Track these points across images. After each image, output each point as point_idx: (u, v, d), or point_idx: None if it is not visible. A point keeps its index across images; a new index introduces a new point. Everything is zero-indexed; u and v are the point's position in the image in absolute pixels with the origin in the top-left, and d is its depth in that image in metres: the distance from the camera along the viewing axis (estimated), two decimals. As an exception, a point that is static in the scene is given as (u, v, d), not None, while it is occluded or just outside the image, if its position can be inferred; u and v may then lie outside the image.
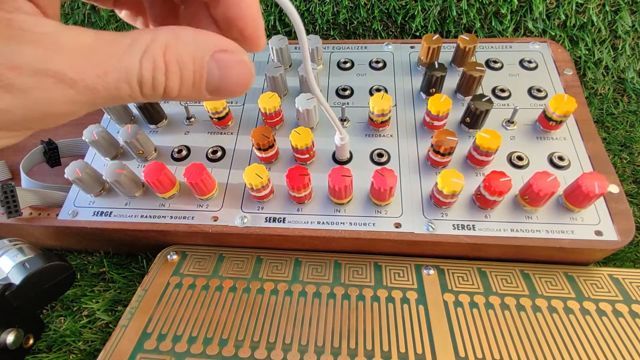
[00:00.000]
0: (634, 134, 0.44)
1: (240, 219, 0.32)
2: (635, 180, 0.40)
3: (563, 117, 0.33)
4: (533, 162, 0.33)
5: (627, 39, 0.45)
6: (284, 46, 0.39)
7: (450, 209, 0.31)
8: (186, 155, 0.36)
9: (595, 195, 0.28)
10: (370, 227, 0.31)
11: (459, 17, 0.46)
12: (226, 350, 0.27)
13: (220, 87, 0.20)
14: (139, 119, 0.39)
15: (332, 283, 0.31)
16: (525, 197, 0.30)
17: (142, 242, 0.34)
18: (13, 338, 0.28)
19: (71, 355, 0.31)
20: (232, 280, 0.32)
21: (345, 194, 0.30)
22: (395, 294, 0.30)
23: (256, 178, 0.30)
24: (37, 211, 0.34)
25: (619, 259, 0.35)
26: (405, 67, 0.41)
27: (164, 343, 0.28)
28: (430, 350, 0.27)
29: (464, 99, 0.37)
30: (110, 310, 0.33)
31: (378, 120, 0.35)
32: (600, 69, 0.48)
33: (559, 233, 0.30)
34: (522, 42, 0.42)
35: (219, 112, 0.35)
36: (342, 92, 0.39)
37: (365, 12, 0.48)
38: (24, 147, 0.43)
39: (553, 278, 0.31)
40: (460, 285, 0.31)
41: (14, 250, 0.30)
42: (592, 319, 0.28)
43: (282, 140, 0.35)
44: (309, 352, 0.27)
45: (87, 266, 0.37)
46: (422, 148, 0.35)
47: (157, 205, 0.33)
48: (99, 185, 0.33)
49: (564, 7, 0.44)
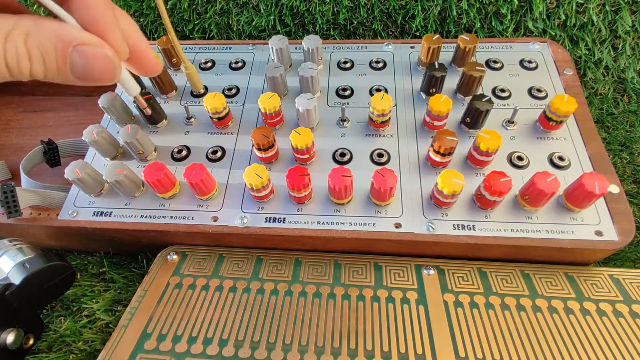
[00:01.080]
0: (634, 134, 0.44)
1: (240, 219, 0.32)
2: (635, 180, 0.40)
3: (563, 117, 0.33)
4: (533, 162, 0.33)
5: (627, 38, 0.45)
6: (284, 46, 0.39)
7: (451, 209, 0.31)
8: (186, 155, 0.36)
9: (596, 195, 0.28)
10: (371, 227, 0.31)
11: (459, 17, 0.46)
12: (226, 351, 0.27)
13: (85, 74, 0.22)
14: (139, 119, 0.39)
15: (332, 283, 0.31)
16: (526, 197, 0.30)
17: (142, 242, 0.34)
18: (13, 338, 0.28)
19: (71, 355, 0.31)
20: (232, 280, 0.32)
21: (345, 194, 0.30)
22: (395, 294, 0.30)
23: (256, 178, 0.30)
24: (37, 211, 0.34)
25: (619, 259, 0.35)
26: (405, 67, 0.41)
27: (164, 343, 0.28)
28: (430, 350, 0.27)
29: (464, 99, 0.37)
30: (110, 310, 0.33)
31: (378, 121, 0.35)
32: (601, 69, 0.48)
33: (559, 233, 0.30)
34: (522, 42, 0.42)
35: (219, 112, 0.35)
36: (342, 92, 0.39)
37: (365, 12, 0.48)
38: (24, 147, 0.43)
39: (553, 278, 0.31)
40: (461, 285, 0.31)
41: (14, 250, 0.30)
42: (593, 319, 0.28)
43: (282, 140, 0.35)
44: (309, 352, 0.27)
45: (87, 266, 0.37)
46: (422, 148, 0.35)
47: (157, 205, 0.33)
48: (99, 186, 0.33)
49: (564, 7, 0.44)
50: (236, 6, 0.50)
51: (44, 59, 0.21)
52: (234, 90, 0.40)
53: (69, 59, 0.21)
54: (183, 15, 0.51)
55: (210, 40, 0.48)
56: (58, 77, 0.22)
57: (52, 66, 0.21)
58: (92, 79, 0.23)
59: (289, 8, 0.49)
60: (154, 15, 0.52)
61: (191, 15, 0.52)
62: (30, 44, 0.20)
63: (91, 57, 0.22)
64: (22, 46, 0.20)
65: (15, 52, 0.20)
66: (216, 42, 0.45)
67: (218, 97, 0.35)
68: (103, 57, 0.22)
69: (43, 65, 0.21)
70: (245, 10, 0.50)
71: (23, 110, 0.50)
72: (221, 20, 0.51)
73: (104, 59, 0.22)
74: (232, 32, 0.52)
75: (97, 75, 0.23)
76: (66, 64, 0.21)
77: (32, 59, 0.20)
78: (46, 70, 0.21)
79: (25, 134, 0.45)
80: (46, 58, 0.21)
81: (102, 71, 0.23)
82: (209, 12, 0.51)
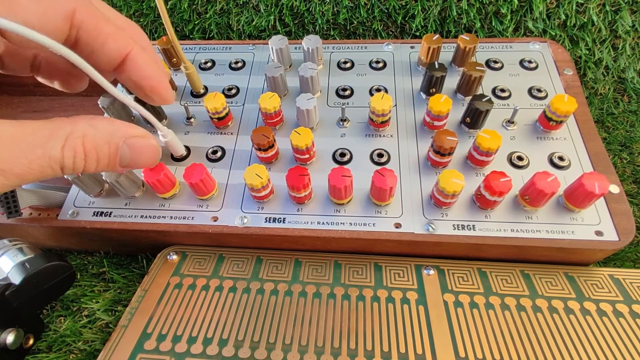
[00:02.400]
0: (634, 134, 0.44)
1: (240, 219, 0.32)
2: (635, 180, 0.40)
3: (563, 117, 0.33)
4: (533, 162, 0.33)
5: (627, 38, 0.45)
6: (284, 46, 0.39)
7: (451, 209, 0.31)
8: (186, 155, 0.36)
9: (596, 195, 0.28)
10: (370, 228, 0.31)
11: (459, 17, 0.46)
12: (226, 351, 0.27)
13: (131, 163, 0.25)
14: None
15: (332, 283, 0.31)
16: (526, 197, 0.30)
17: (142, 242, 0.34)
18: (13, 338, 0.28)
19: (71, 355, 0.31)
20: (232, 280, 0.32)
21: (345, 194, 0.30)
22: (395, 294, 0.30)
23: (256, 178, 0.30)
24: (37, 211, 0.34)
25: (619, 259, 0.35)
26: (405, 67, 0.41)
27: (164, 343, 0.28)
28: (431, 350, 0.27)
29: (464, 99, 0.37)
30: (110, 310, 0.33)
31: (378, 121, 0.35)
32: (601, 69, 0.48)
33: (559, 233, 0.30)
34: (522, 42, 0.42)
35: (219, 112, 0.35)
36: (342, 92, 0.39)
37: (365, 12, 0.48)
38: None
39: (553, 278, 0.31)
40: (461, 285, 0.30)
41: (14, 250, 0.30)
42: (593, 319, 0.28)
43: (282, 140, 0.35)
44: (309, 353, 0.27)
45: (87, 266, 0.37)
46: (422, 148, 0.35)
47: (157, 206, 0.33)
48: (98, 186, 0.33)
49: (564, 7, 0.44)
50: (236, 6, 0.50)
51: (98, 155, 0.23)
52: (234, 90, 0.40)
53: (120, 152, 0.24)
54: (183, 15, 0.51)
55: (210, 41, 0.48)
56: (107, 168, 0.24)
57: (104, 161, 0.23)
58: (136, 165, 0.25)
59: (289, 8, 0.49)
60: (154, 15, 0.52)
61: (191, 15, 0.52)
62: (87, 145, 0.22)
63: (138, 149, 0.25)
64: (80, 148, 0.22)
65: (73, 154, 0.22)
66: (216, 42, 0.45)
67: (218, 97, 0.35)
68: (149, 147, 0.25)
69: (96, 162, 0.23)
70: (245, 10, 0.50)
71: (23, 111, 0.50)
72: (221, 20, 0.51)
73: (150, 149, 0.25)
74: (232, 32, 0.52)
75: (142, 163, 0.26)
76: (117, 158, 0.24)
77: (88, 157, 0.22)
78: (98, 165, 0.23)
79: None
80: (100, 154, 0.23)
81: (147, 160, 0.26)
82: (209, 12, 0.51)
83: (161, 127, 0.31)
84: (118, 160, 0.24)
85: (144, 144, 0.25)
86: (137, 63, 0.24)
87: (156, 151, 0.26)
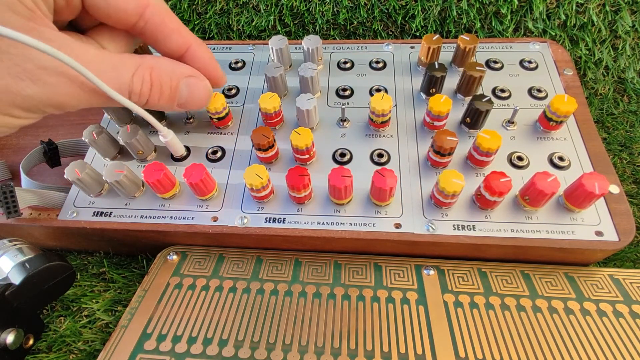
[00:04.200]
0: (634, 134, 0.44)
1: (240, 219, 0.32)
2: (635, 180, 0.40)
3: (563, 118, 0.33)
4: (533, 162, 0.33)
5: (627, 39, 0.45)
6: (284, 46, 0.39)
7: (451, 209, 0.31)
8: (186, 155, 0.36)
9: (596, 195, 0.28)
10: (371, 228, 0.31)
11: (459, 17, 0.46)
12: (226, 351, 0.27)
13: (187, 102, 0.28)
14: (139, 119, 0.39)
15: (332, 283, 0.31)
16: (526, 197, 0.30)
17: (142, 242, 0.34)
18: (13, 338, 0.28)
19: (71, 355, 0.31)
20: (232, 280, 0.32)
21: (345, 194, 0.30)
22: (395, 294, 0.30)
23: (256, 178, 0.30)
24: (37, 211, 0.34)
25: (619, 259, 0.35)
26: (405, 67, 0.41)
27: (164, 343, 0.28)
28: (430, 350, 0.27)
29: (464, 99, 0.37)
30: (110, 310, 0.33)
31: (378, 121, 0.35)
32: (601, 69, 0.48)
33: (559, 233, 0.30)
34: (522, 42, 0.42)
35: (219, 112, 0.35)
36: (342, 92, 0.39)
37: (365, 12, 0.48)
38: (24, 147, 0.43)
39: (553, 278, 0.31)
40: (461, 285, 0.30)
41: (14, 250, 0.30)
42: (593, 319, 0.28)
43: (282, 140, 0.35)
44: (309, 353, 0.27)
45: (87, 266, 0.37)
46: (422, 148, 0.35)
47: (157, 206, 0.33)
48: (98, 186, 0.33)
49: (564, 7, 0.44)
50: (236, 6, 0.50)
51: (162, 87, 0.26)
52: (234, 90, 0.40)
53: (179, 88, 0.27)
54: (183, 15, 0.51)
55: (210, 41, 0.48)
56: (167, 103, 0.27)
57: (167, 94, 0.26)
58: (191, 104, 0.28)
59: (289, 8, 0.49)
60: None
61: (191, 15, 0.52)
62: (154, 75, 0.25)
63: (195, 88, 0.28)
64: (148, 77, 0.25)
65: (141, 81, 0.24)
66: (216, 42, 0.45)
67: (218, 97, 0.35)
68: (204, 88, 0.29)
69: (159, 94, 0.26)
70: (245, 10, 0.50)
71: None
72: (221, 20, 0.51)
73: (204, 89, 0.29)
74: (232, 32, 0.52)
75: (196, 102, 0.29)
76: (176, 94, 0.27)
77: (153, 87, 0.25)
78: (160, 97, 0.26)
79: (26, 133, 0.45)
80: (163, 87, 0.26)
81: (200, 99, 0.29)
82: (209, 12, 0.51)
83: (161, 127, 0.31)
84: (177, 97, 0.27)
85: (199, 84, 0.28)
86: (198, 55, 0.28)
87: (209, 93, 0.29)
